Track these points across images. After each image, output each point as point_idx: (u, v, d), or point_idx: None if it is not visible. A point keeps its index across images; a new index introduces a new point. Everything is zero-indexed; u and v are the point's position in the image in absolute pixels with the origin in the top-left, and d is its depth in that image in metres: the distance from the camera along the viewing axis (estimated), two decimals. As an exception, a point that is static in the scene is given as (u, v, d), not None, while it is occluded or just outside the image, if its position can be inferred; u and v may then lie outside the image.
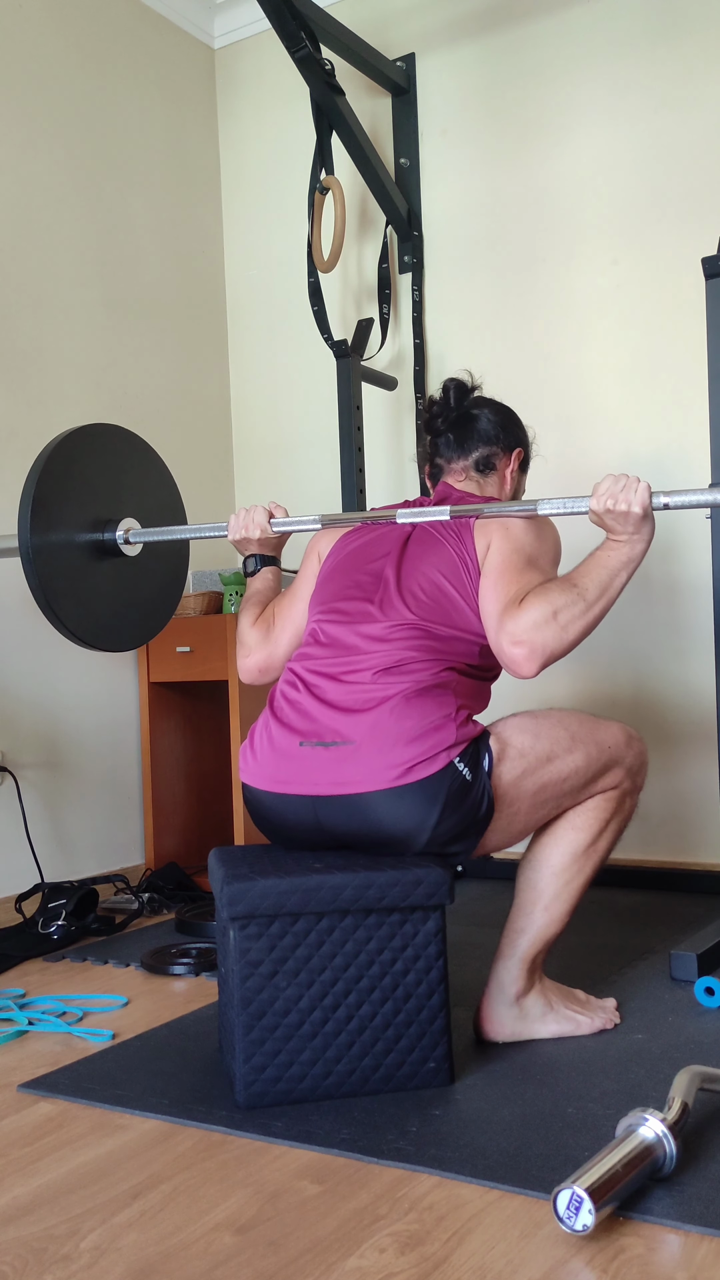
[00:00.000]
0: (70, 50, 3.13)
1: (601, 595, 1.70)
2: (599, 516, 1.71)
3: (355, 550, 1.95)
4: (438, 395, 2.05)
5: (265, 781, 1.76)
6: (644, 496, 1.66)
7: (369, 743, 1.66)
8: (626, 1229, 1.21)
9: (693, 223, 2.90)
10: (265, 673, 2.04)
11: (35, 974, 2.34)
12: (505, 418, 2.05)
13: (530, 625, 1.67)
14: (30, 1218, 1.29)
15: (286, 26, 2.80)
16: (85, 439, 2.07)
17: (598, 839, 1.79)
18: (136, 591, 2.20)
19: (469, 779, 1.66)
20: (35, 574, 1.94)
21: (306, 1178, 1.36)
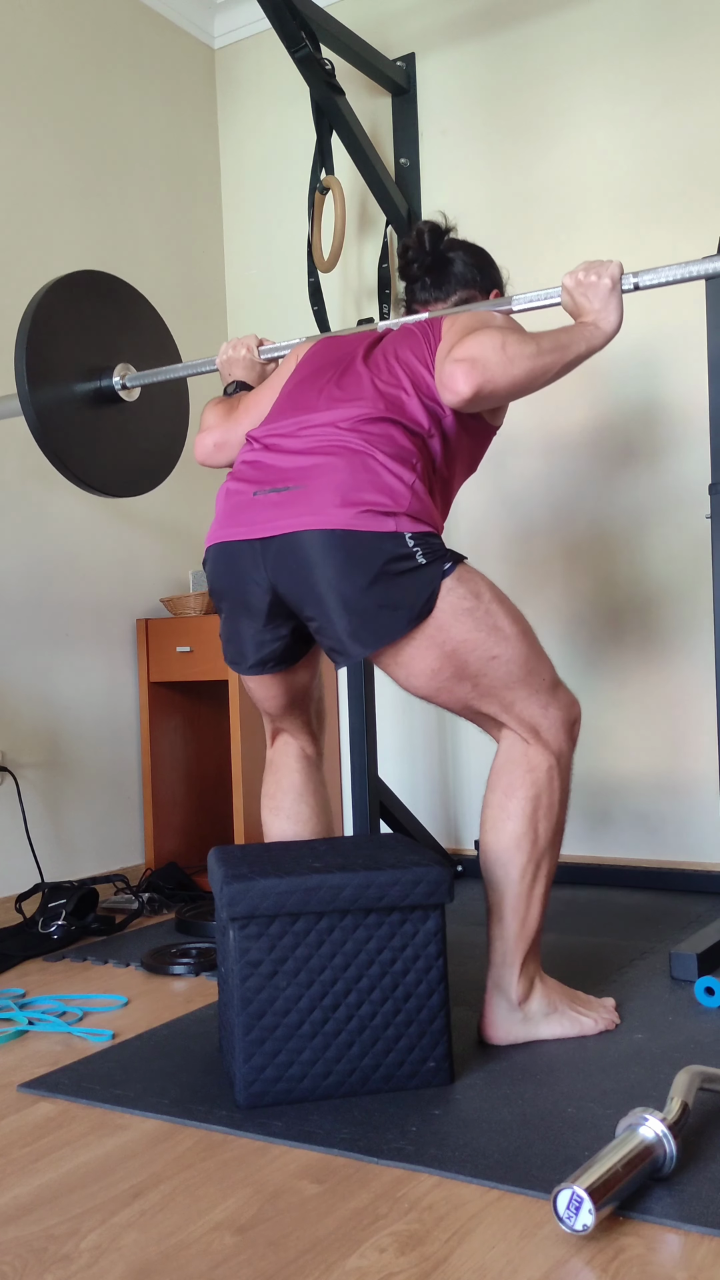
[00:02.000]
0: (70, 50, 3.13)
1: (555, 349, 1.72)
2: (570, 295, 1.78)
3: (328, 345, 1.95)
4: (412, 239, 2.02)
5: (219, 535, 1.77)
6: (614, 271, 1.77)
7: (320, 484, 1.67)
8: (626, 1229, 1.21)
9: (692, 222, 2.90)
10: (220, 448, 1.99)
11: (35, 974, 2.34)
12: (481, 259, 2.05)
13: (476, 345, 1.68)
14: (30, 1217, 1.29)
15: (286, 26, 2.80)
16: (69, 289, 2.07)
17: (534, 820, 1.74)
18: (140, 437, 2.22)
19: (420, 561, 1.65)
20: (39, 426, 1.96)
21: (306, 1177, 1.36)
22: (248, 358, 2.10)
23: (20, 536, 2.88)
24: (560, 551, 3.11)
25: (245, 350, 2.10)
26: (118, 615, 3.19)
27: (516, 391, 1.70)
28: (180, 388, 2.43)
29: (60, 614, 3.00)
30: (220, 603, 1.84)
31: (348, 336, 1.97)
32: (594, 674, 3.06)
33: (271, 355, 2.09)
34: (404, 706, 3.36)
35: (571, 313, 1.81)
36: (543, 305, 1.84)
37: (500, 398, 1.71)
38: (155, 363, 2.28)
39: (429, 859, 1.66)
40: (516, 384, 1.68)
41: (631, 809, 3.02)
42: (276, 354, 2.08)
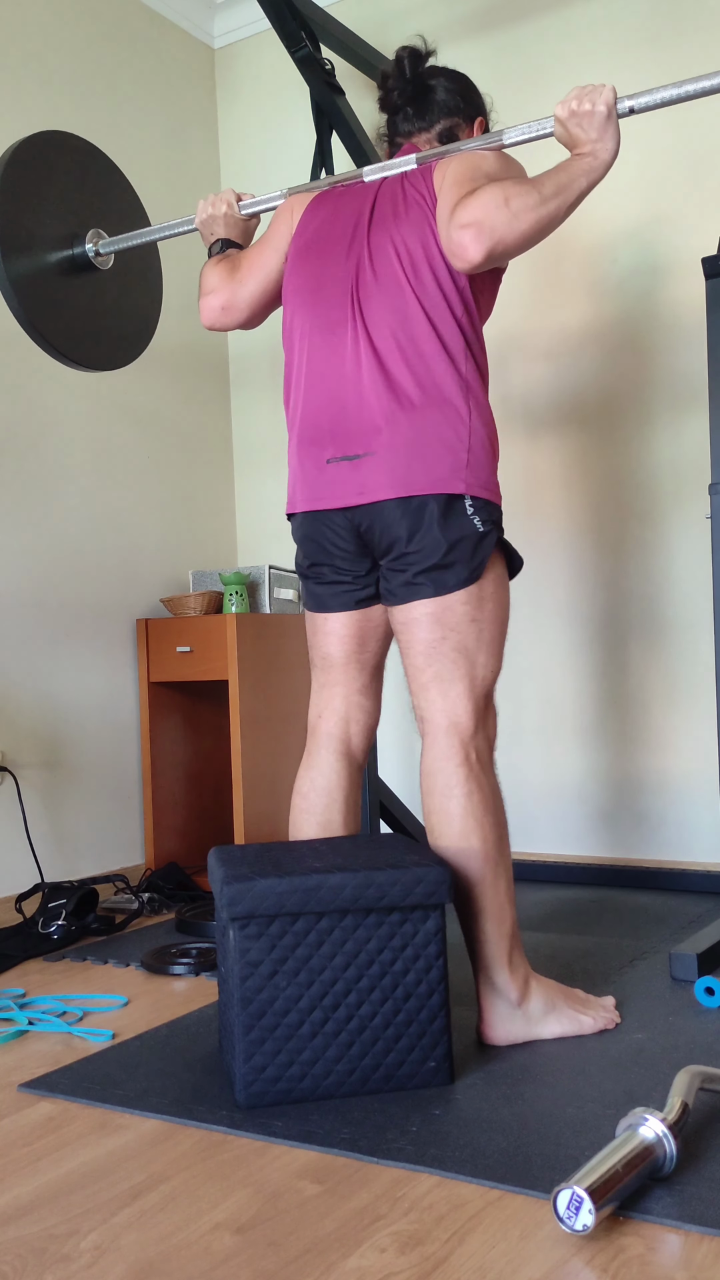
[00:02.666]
0: (70, 50, 3.13)
1: (558, 193, 1.70)
2: (563, 126, 1.74)
3: (326, 226, 1.90)
4: (391, 67, 1.98)
5: (300, 504, 1.86)
6: (609, 96, 1.71)
7: (387, 453, 1.76)
8: (627, 1229, 1.21)
9: (694, 221, 2.90)
10: (228, 311, 1.98)
11: (35, 974, 2.34)
12: (463, 85, 2.00)
13: (479, 207, 1.66)
14: (30, 1217, 1.29)
15: (286, 26, 2.80)
16: (34, 152, 2.03)
17: (466, 808, 1.75)
18: (120, 307, 2.19)
19: (479, 529, 1.77)
20: (16, 300, 1.93)
21: (307, 1177, 1.36)
22: (229, 214, 2.05)
23: (20, 537, 2.88)
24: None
25: (225, 206, 2.05)
26: (118, 615, 3.19)
27: (526, 244, 1.70)
28: (153, 257, 2.36)
29: (60, 614, 3.00)
30: (309, 560, 1.91)
31: (343, 200, 1.91)
32: (591, 672, 3.06)
33: (253, 210, 2.04)
34: (404, 707, 3.36)
35: (566, 144, 1.76)
36: (534, 138, 1.79)
37: (512, 254, 1.70)
38: (127, 229, 2.21)
39: (429, 859, 1.66)
40: (525, 237, 1.68)
41: (631, 809, 3.02)
42: (258, 208, 2.03)
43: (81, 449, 3.08)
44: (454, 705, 1.79)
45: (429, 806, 1.79)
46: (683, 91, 1.72)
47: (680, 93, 1.72)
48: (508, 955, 1.76)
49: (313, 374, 1.84)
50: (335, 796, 1.92)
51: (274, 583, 3.27)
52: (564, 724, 3.11)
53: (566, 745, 3.11)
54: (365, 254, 1.83)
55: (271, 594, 3.26)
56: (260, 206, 2.04)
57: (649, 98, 1.74)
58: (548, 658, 3.11)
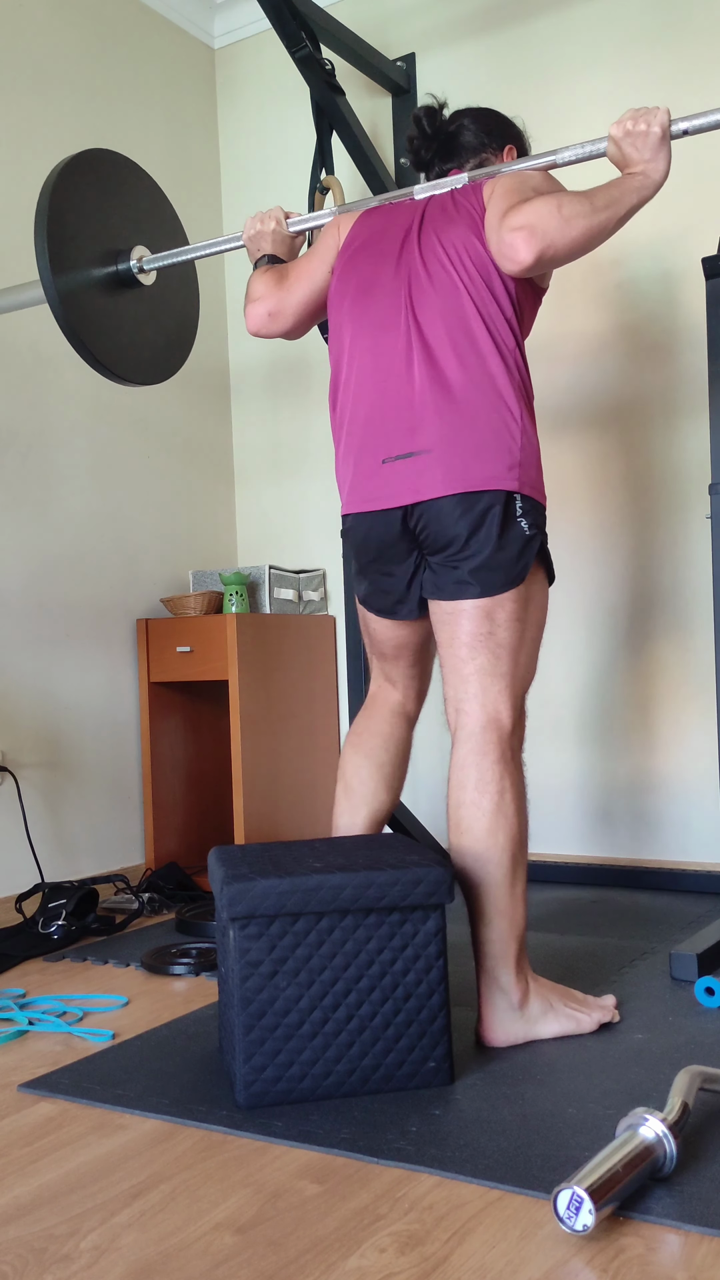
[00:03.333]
0: (70, 50, 3.13)
1: (609, 206, 1.72)
2: (617, 145, 1.76)
3: (374, 237, 1.92)
4: (413, 129, 2.01)
5: (356, 505, 1.88)
6: (663, 118, 1.75)
7: (442, 450, 1.77)
8: (627, 1229, 1.21)
9: (693, 222, 2.90)
10: (275, 318, 2.01)
11: (35, 974, 2.34)
12: (486, 121, 2.03)
13: (532, 212, 1.68)
14: (30, 1218, 1.29)
15: (286, 26, 2.80)
16: (80, 170, 2.05)
17: (496, 810, 1.75)
18: (160, 322, 2.21)
19: (527, 532, 1.79)
20: (64, 316, 1.95)
21: (307, 1177, 1.36)
22: (278, 230, 2.07)
23: (20, 536, 2.88)
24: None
25: (274, 223, 2.07)
26: (118, 615, 3.19)
27: (576, 252, 1.72)
28: (191, 274, 2.39)
29: (60, 614, 3.00)
30: (363, 560, 1.92)
31: (387, 221, 1.93)
32: (594, 675, 3.06)
33: (300, 228, 2.05)
34: (404, 706, 3.36)
35: (618, 164, 1.79)
36: (588, 157, 1.81)
37: (561, 260, 1.72)
38: (166, 243, 2.23)
39: (429, 859, 1.66)
40: (576, 245, 1.70)
41: (631, 809, 3.02)
42: (305, 226, 2.04)
43: (82, 449, 3.08)
44: (494, 701, 1.80)
45: (458, 800, 1.78)
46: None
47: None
48: (515, 956, 1.76)
49: (364, 374, 1.86)
50: (390, 739, 2.03)
51: (274, 583, 3.27)
52: (564, 724, 3.11)
53: (566, 745, 3.11)
54: (417, 256, 1.85)
55: (271, 594, 3.26)
56: (308, 224, 2.05)
57: (704, 120, 1.76)
58: (549, 658, 3.11)
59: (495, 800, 1.76)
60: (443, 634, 1.85)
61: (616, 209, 1.73)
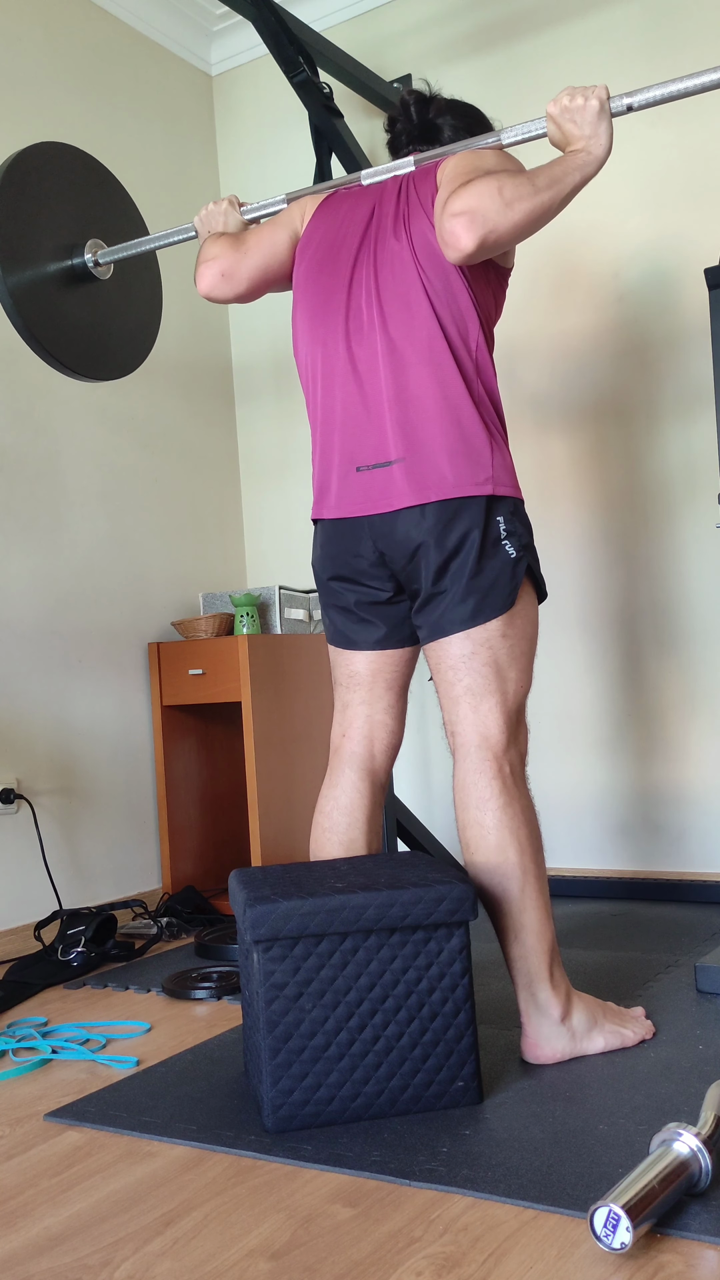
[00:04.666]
0: (69, 80, 3.16)
1: (551, 185, 1.69)
2: (556, 123, 1.74)
3: (330, 242, 1.90)
4: (398, 109, 1.99)
5: (330, 509, 1.85)
6: (601, 92, 1.72)
7: (414, 459, 1.76)
8: (664, 1246, 1.20)
9: (694, 234, 2.91)
10: (227, 278, 1.96)
11: (56, 1001, 2.33)
12: (472, 120, 2.00)
13: (472, 196, 1.64)
14: (63, 1248, 1.28)
15: (284, 51, 2.82)
16: (31, 165, 2.04)
17: (501, 820, 1.74)
18: (119, 316, 2.19)
19: (511, 555, 1.78)
20: (18, 314, 1.94)
21: (339, 1201, 1.35)
22: (229, 211, 2.06)
23: (31, 564, 2.89)
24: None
25: (226, 205, 2.06)
26: (129, 639, 3.19)
27: (519, 235, 1.68)
28: (153, 266, 2.37)
29: (72, 640, 3.00)
30: (329, 571, 1.89)
31: (350, 210, 1.91)
32: (602, 681, 3.05)
33: (254, 215, 2.05)
34: (419, 725, 3.36)
35: (559, 144, 1.76)
36: (530, 138, 1.80)
37: (505, 244, 1.69)
38: (126, 238, 2.21)
39: (451, 876, 1.65)
40: (518, 227, 1.66)
41: (650, 821, 3.00)
42: (258, 213, 2.04)
43: (89, 473, 3.09)
44: (485, 720, 1.79)
45: (463, 820, 1.78)
46: (679, 88, 1.72)
47: (677, 89, 1.72)
48: (549, 970, 1.75)
49: (333, 383, 1.85)
50: (357, 816, 1.92)
51: (285, 603, 3.27)
52: (580, 737, 3.10)
53: (583, 758, 3.10)
54: (373, 262, 1.84)
55: (282, 614, 3.26)
56: (261, 211, 2.05)
57: (646, 94, 1.74)
58: (563, 671, 3.10)
59: (497, 816, 1.75)
60: (431, 657, 1.84)
61: (560, 188, 1.69)
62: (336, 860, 1.85)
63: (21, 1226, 1.35)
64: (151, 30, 3.46)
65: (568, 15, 3.07)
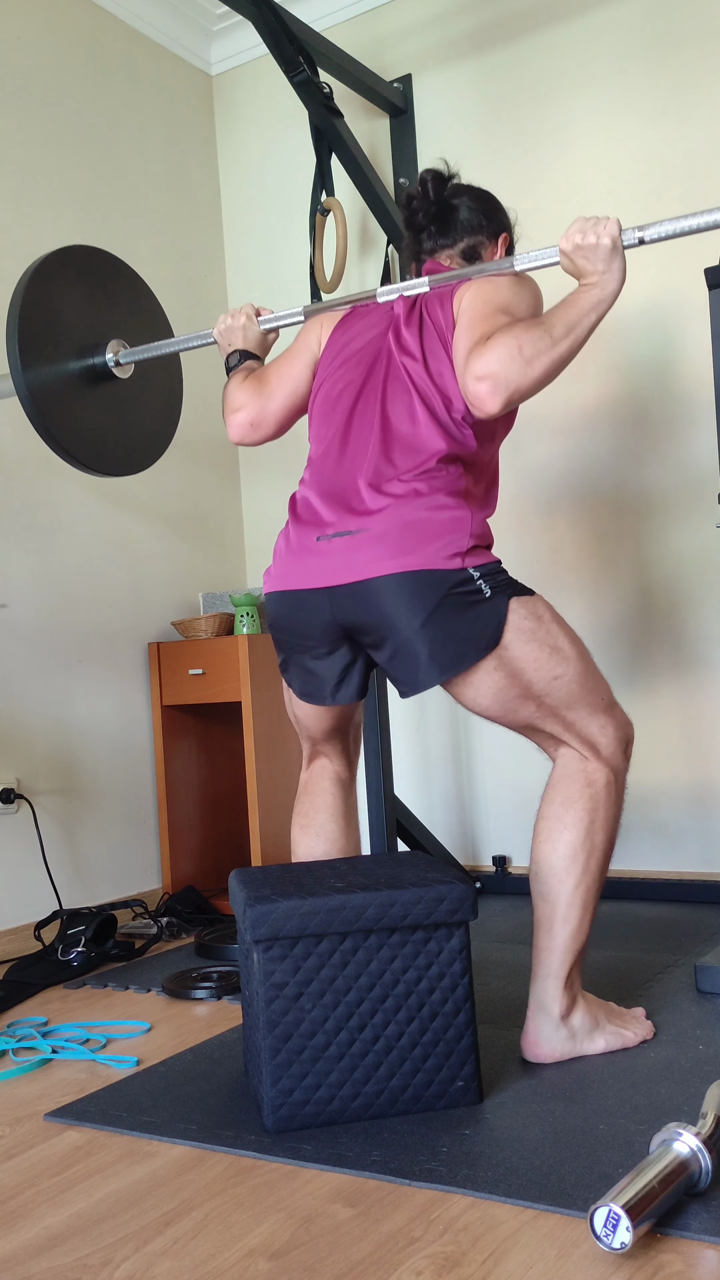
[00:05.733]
0: (69, 80, 3.16)
1: (569, 333, 1.69)
2: (569, 258, 1.73)
3: (351, 345, 1.92)
4: (416, 188, 2.00)
5: (284, 580, 1.80)
6: (613, 229, 1.70)
7: (383, 529, 1.70)
8: (664, 1246, 1.20)
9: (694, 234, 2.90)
10: (257, 427, 1.99)
11: (56, 1001, 2.33)
12: (487, 204, 2.02)
13: (494, 360, 1.66)
14: (63, 1248, 1.28)
15: (284, 51, 2.82)
16: (59, 265, 2.05)
17: (591, 830, 1.75)
18: (136, 414, 2.19)
19: (485, 593, 1.70)
20: (34, 409, 1.94)
21: (339, 1201, 1.35)
22: (248, 327, 2.07)
23: (30, 564, 2.89)
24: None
25: (245, 319, 2.07)
26: (129, 639, 3.19)
27: (541, 387, 1.70)
28: (174, 364, 2.38)
29: (72, 640, 3.00)
30: (285, 643, 1.86)
31: (363, 325, 1.93)
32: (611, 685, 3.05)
33: (271, 325, 2.06)
34: (419, 725, 3.36)
35: (571, 274, 1.76)
36: (542, 265, 1.79)
37: (528, 397, 1.71)
38: (148, 339, 2.22)
39: (451, 876, 1.65)
40: (540, 382, 1.69)
41: (651, 820, 3.00)
42: (276, 324, 2.05)
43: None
44: (561, 747, 1.79)
45: (544, 812, 1.79)
46: (694, 224, 1.71)
47: (690, 225, 1.71)
48: (568, 971, 1.76)
49: (323, 466, 1.84)
50: (336, 811, 1.99)
51: (284, 603, 3.27)
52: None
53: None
54: (384, 373, 1.84)
55: (282, 614, 3.26)
56: (278, 322, 2.05)
57: (658, 229, 1.72)
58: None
59: (579, 818, 1.76)
60: (461, 704, 1.82)
61: (577, 333, 1.70)
62: (336, 860, 1.86)
63: (21, 1226, 1.35)
64: (151, 30, 3.46)
65: (568, 15, 3.07)
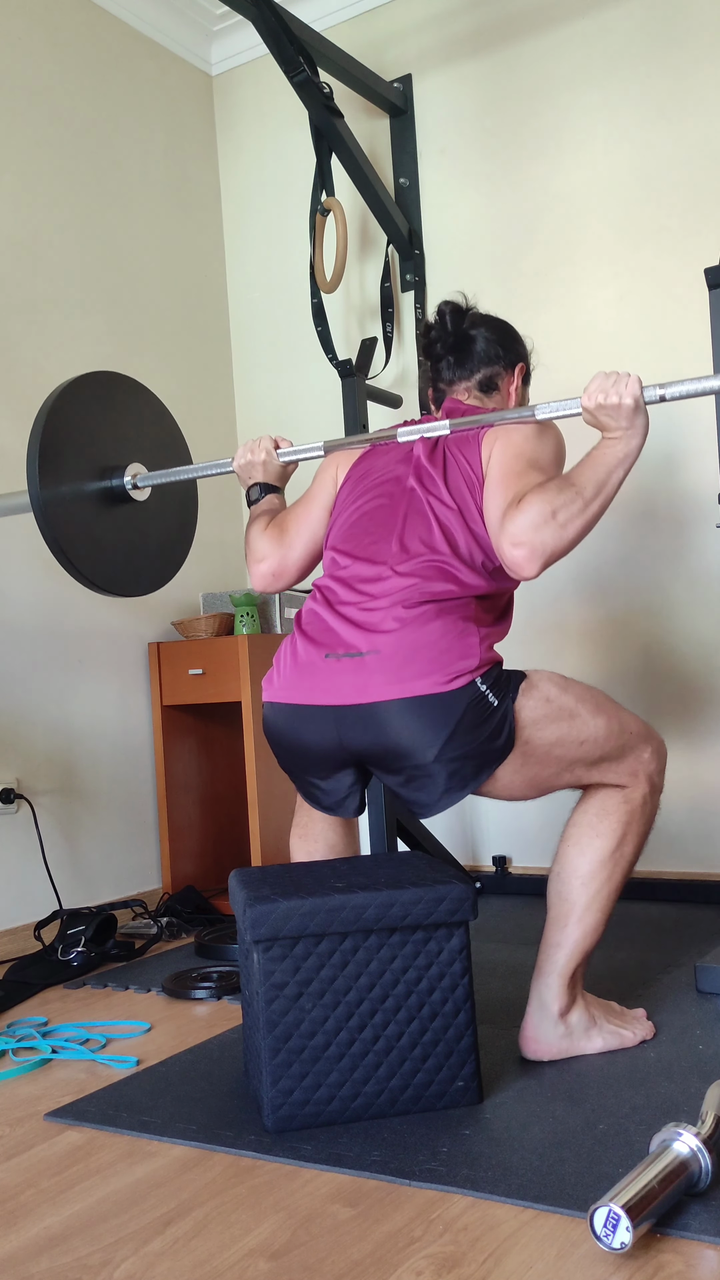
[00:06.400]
0: (70, 80, 3.16)
1: (598, 493, 1.70)
2: (591, 415, 1.71)
3: (370, 476, 1.93)
4: (434, 319, 2.02)
5: (288, 694, 1.77)
6: (634, 389, 1.67)
7: (393, 654, 1.69)
8: (664, 1246, 1.20)
9: (694, 234, 2.91)
10: (279, 578, 2.01)
11: (56, 1001, 2.33)
12: (503, 334, 2.03)
13: (529, 525, 1.67)
14: (62, 1247, 1.28)
15: (284, 52, 2.82)
16: (84, 388, 2.06)
17: (622, 843, 1.78)
18: (150, 536, 2.19)
19: (492, 702, 1.67)
20: (48, 526, 1.94)
21: (339, 1201, 1.35)
22: (268, 461, 2.07)
23: (30, 563, 2.88)
24: (583, 589, 3.11)
25: (264, 454, 2.06)
26: (129, 639, 3.19)
27: (575, 545, 1.70)
28: (190, 489, 2.37)
29: (72, 640, 3.00)
30: (286, 762, 1.85)
31: (384, 459, 1.94)
32: (611, 682, 3.05)
33: (291, 458, 2.05)
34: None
35: (594, 426, 1.74)
36: (564, 415, 1.75)
37: (562, 557, 1.71)
38: (166, 462, 2.23)
39: (451, 876, 1.65)
40: (574, 542, 1.69)
41: (649, 821, 3.00)
42: (295, 457, 2.05)
43: (90, 475, 3.09)
44: (598, 781, 1.79)
45: (578, 819, 1.80)
46: (712, 385, 1.66)
47: (710, 386, 1.66)
48: (573, 970, 1.77)
49: (336, 587, 1.82)
50: (334, 819, 1.95)
51: (285, 603, 3.27)
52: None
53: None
54: (405, 505, 1.84)
55: (282, 614, 3.26)
56: (298, 456, 2.04)
57: (679, 388, 1.68)
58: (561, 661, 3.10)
59: (611, 828, 1.78)
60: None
61: (606, 491, 1.69)
62: (336, 860, 1.86)
63: (21, 1226, 1.35)
64: (151, 30, 3.46)
65: (568, 15, 3.07)
